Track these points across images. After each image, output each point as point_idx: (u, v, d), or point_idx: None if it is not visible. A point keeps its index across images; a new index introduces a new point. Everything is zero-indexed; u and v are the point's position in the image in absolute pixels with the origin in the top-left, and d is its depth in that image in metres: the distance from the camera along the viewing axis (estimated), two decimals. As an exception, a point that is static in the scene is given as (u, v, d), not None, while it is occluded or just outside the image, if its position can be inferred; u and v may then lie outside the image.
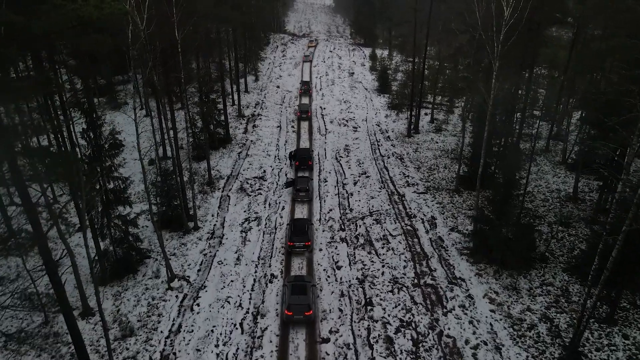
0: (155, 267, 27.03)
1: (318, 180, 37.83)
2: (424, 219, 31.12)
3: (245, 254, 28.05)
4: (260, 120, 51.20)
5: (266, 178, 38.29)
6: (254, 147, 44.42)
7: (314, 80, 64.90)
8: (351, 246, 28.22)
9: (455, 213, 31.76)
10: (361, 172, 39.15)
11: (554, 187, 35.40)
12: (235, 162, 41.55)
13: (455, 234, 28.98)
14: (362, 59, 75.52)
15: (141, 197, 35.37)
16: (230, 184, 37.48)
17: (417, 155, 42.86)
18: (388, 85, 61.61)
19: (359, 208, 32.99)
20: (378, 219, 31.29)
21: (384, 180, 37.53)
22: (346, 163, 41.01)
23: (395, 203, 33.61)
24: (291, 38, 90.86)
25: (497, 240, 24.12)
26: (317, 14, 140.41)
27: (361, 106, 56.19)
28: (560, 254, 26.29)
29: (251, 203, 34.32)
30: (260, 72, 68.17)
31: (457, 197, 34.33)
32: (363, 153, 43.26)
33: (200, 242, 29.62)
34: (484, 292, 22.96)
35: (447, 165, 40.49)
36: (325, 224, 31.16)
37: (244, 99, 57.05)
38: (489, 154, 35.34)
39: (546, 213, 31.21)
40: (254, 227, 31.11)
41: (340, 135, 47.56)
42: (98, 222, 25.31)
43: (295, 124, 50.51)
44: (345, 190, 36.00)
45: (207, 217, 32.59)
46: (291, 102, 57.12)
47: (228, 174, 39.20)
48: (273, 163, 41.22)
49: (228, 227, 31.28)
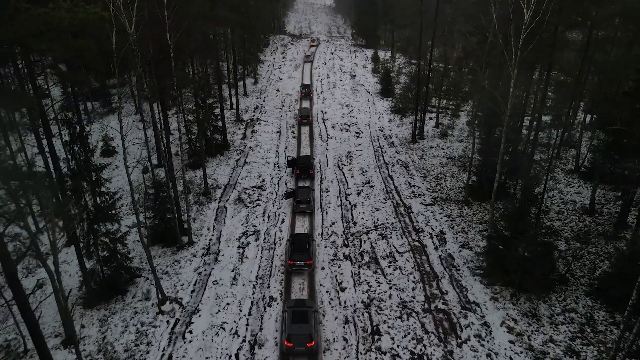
0: (146, 288, 25.23)
1: (319, 190, 36.02)
2: (433, 233, 29.31)
3: (242, 272, 26.24)
4: (260, 125, 49.39)
5: (265, 188, 36.48)
6: (253, 154, 42.61)
7: (315, 83, 63.10)
8: (355, 264, 26.40)
9: (465, 227, 29.94)
10: (365, 181, 37.34)
11: (569, 199, 33.58)
12: (233, 170, 39.75)
13: (466, 251, 27.16)
14: (364, 61, 73.70)
15: (132, 209, 33.57)
16: (227, 194, 35.68)
17: (422, 162, 41.04)
18: (391, 88, 59.80)
19: (363, 221, 31.18)
20: (384, 234, 29.47)
21: (388, 190, 35.72)
22: (349, 171, 39.20)
23: (402, 215, 31.80)
24: (291, 39, 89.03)
25: (513, 260, 22.30)
26: (317, 14, 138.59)
27: (364, 110, 54.38)
28: (581, 274, 24.47)
29: (249, 215, 32.52)
30: (259, 74, 66.37)
31: (467, 209, 32.51)
32: (366, 160, 41.44)
33: (194, 258, 27.81)
34: (501, 320, 21.14)
35: (455, 174, 38.66)
36: (328, 239, 29.35)
37: (243, 103, 55.26)
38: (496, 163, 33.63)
39: (562, 227, 29.39)
40: (252, 242, 29.30)
41: (343, 141, 45.75)
42: (84, 240, 23.55)
43: (295, 129, 48.70)
44: (348, 201, 34.19)
45: (202, 231, 30.78)
46: (291, 105, 55.31)
47: (225, 183, 37.40)
48: (272, 171, 39.41)
49: (224, 242, 29.47)
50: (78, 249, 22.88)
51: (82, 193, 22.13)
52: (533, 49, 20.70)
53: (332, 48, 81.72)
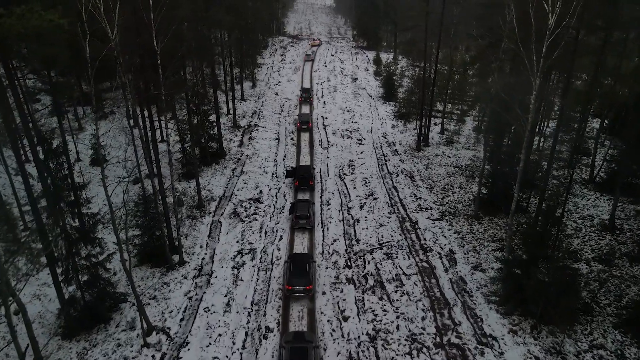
0: (131, 315, 23.17)
1: (320, 202, 33.96)
2: (442, 253, 27.24)
3: (236, 297, 24.18)
4: (257, 131, 47.32)
5: (262, 200, 34.43)
6: (250, 163, 40.56)
7: (315, 87, 61.04)
8: (359, 289, 24.34)
9: (476, 246, 27.88)
10: (368, 192, 35.28)
11: (585, 213, 31.52)
12: (228, 180, 37.70)
13: (479, 273, 25.09)
14: (366, 63, 71.63)
15: (120, 223, 31.51)
16: (222, 207, 33.63)
17: (428, 172, 38.97)
18: (394, 92, 57.74)
19: (367, 238, 29.13)
20: (389, 253, 27.42)
21: (393, 203, 33.66)
22: (351, 182, 37.14)
23: (408, 232, 29.75)
24: (291, 41, 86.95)
25: (534, 289, 20.25)
26: (317, 14, 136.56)
27: (366, 115, 52.33)
28: (606, 302, 22.41)
29: (245, 231, 30.47)
30: (257, 78, 64.28)
31: (477, 224, 30.45)
32: (369, 170, 39.39)
33: (185, 281, 25.76)
34: (523, 358, 19.07)
35: (463, 185, 36.60)
36: (329, 258, 27.29)
37: (240, 108, 53.21)
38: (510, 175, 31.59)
39: (581, 246, 27.34)
40: (247, 261, 27.25)
41: (344, 149, 43.69)
42: (62, 264, 21.50)
43: (294, 136, 46.66)
44: (350, 215, 32.14)
45: (194, 249, 28.74)
46: (290, 110, 53.26)
47: (220, 195, 35.35)
48: (270, 182, 37.35)
49: (218, 261, 27.42)
50: (55, 275, 20.81)
51: (59, 215, 20.07)
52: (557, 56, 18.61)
53: (333, 50, 79.65)
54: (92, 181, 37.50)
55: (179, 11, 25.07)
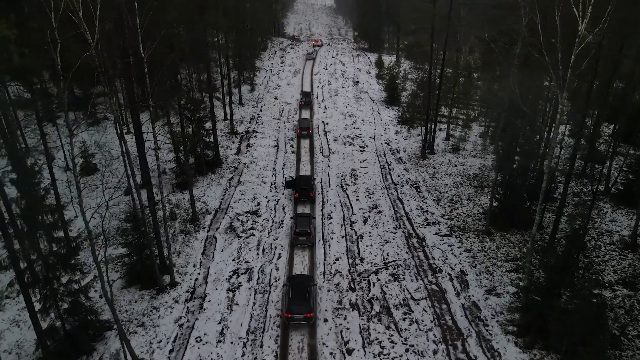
0: (116, 346, 21.27)
1: (321, 216, 32.09)
2: (452, 274, 25.37)
3: (231, 325, 22.32)
4: (256, 138, 45.44)
5: (260, 213, 32.56)
6: (248, 172, 38.68)
7: (315, 90, 59.16)
8: (364, 315, 22.47)
9: (489, 266, 26.00)
10: (372, 205, 33.41)
11: (604, 228, 29.66)
12: (225, 191, 35.82)
13: (493, 298, 23.21)
14: (368, 66, 69.74)
15: (112, 238, 29.70)
16: (218, 221, 31.77)
17: (435, 182, 37.09)
18: (397, 96, 55.90)
19: (371, 257, 27.26)
20: (395, 274, 25.55)
21: (398, 217, 31.79)
22: (353, 193, 35.27)
23: (415, 249, 27.89)
24: (291, 42, 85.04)
25: (556, 320, 18.36)
26: (317, 15, 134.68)
27: (368, 121, 50.45)
28: (635, 333, 20.55)
29: (242, 248, 28.61)
30: (256, 81, 62.38)
31: (489, 241, 28.59)
32: (372, 180, 37.52)
33: (176, 305, 23.89)
34: (547, 402, 17.24)
35: (471, 197, 34.72)
36: (331, 279, 25.43)
37: (238, 113, 51.34)
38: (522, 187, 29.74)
39: (602, 267, 25.48)
40: (243, 283, 25.39)
41: (346, 157, 41.82)
42: (40, 293, 19.63)
43: (294, 143, 44.78)
44: (353, 230, 30.27)
45: (187, 268, 26.87)
46: (290, 115, 51.38)
47: (216, 208, 33.48)
48: (269, 193, 35.48)
49: (212, 282, 25.55)
50: (30, 305, 18.93)
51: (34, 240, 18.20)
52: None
53: (334, 52, 77.75)
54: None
55: (168, 14, 23.17)
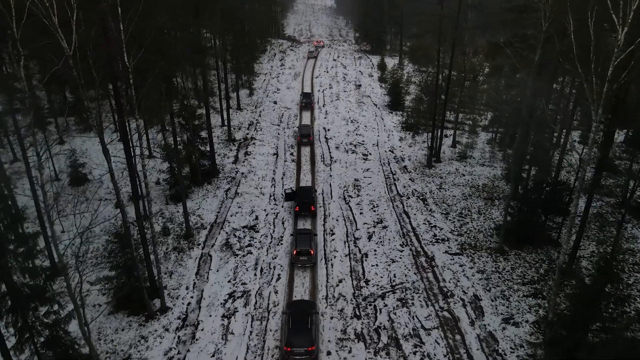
0: (99, 383, 19.45)
1: (323, 232, 30.23)
2: (465, 299, 23.50)
3: (225, 358, 20.44)
4: (254, 145, 43.56)
5: (258, 228, 30.70)
6: (245, 183, 36.82)
7: (316, 94, 57.24)
8: (371, 348, 20.59)
9: (505, 290, 24.13)
10: (376, 219, 31.55)
11: (625, 246, 27.78)
12: (221, 203, 33.96)
13: (512, 328, 21.34)
14: (370, 69, 67.85)
15: (99, 256, 27.89)
16: (213, 237, 29.93)
17: (442, 194, 35.22)
18: (401, 100, 53.99)
19: (377, 278, 25.40)
20: (403, 298, 23.68)
21: (405, 232, 29.94)
22: (357, 206, 33.40)
23: (424, 270, 26.03)
24: (291, 44, 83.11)
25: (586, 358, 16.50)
26: (318, 15, 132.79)
27: (371, 127, 48.57)
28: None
29: (238, 267, 26.76)
30: (255, 85, 60.49)
31: (502, 260, 26.72)
32: (377, 191, 35.65)
33: (166, 334, 22.04)
34: None
35: (482, 210, 32.86)
36: (334, 304, 23.56)
37: (236, 118, 49.47)
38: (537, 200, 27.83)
39: (627, 290, 23.57)
40: (239, 308, 23.53)
41: (349, 166, 39.95)
42: (15, 329, 17.76)
43: (294, 150, 42.89)
44: (357, 247, 28.42)
45: (179, 291, 25.01)
46: (290, 121, 49.49)
47: (212, 222, 31.63)
48: (267, 205, 33.62)
49: (206, 307, 23.70)
50: (2, 343, 17.05)
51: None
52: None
53: (335, 54, 75.82)
54: (69, 205, 33.80)
55: (158, 19, 21.29)
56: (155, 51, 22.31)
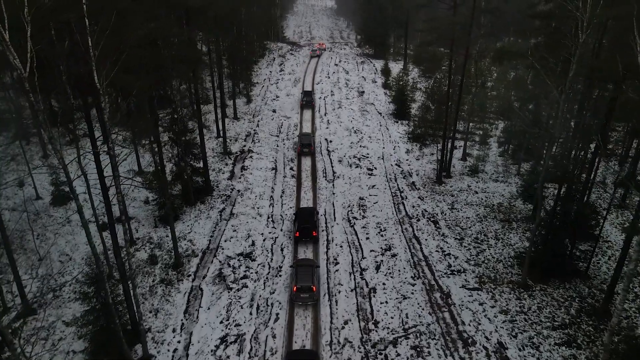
0: None
1: (326, 261, 27.47)
2: (489, 348, 20.72)
3: (215, 422, 17.70)
4: (251, 159, 40.77)
5: (255, 256, 27.96)
6: (242, 202, 34.05)
7: (318, 102, 54.42)
8: (383, 411, 17.84)
9: (533, 335, 21.34)
10: (384, 245, 28.80)
11: (662, 280, 25.02)
12: (215, 226, 31.21)
13: (545, 387, 18.60)
14: (373, 74, 65.01)
15: (76, 292, 25.11)
16: (205, 266, 27.19)
17: (454, 215, 32.46)
18: (407, 109, 51.21)
19: (387, 319, 22.64)
20: (418, 346, 20.90)
21: (416, 261, 27.18)
22: (363, 229, 30.65)
23: (439, 309, 23.26)
24: (290, 48, 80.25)
25: None
26: (318, 16, 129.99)
27: (375, 137, 45.79)
28: None
29: (232, 304, 24.00)
30: (253, 91, 57.69)
31: (527, 297, 23.94)
32: (383, 211, 32.89)
33: (148, 390, 19.26)
34: None
35: (499, 235, 30.10)
36: (340, 352, 20.79)
37: (232, 129, 46.70)
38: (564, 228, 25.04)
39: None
40: (232, 356, 20.78)
41: (353, 182, 37.17)
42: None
43: (294, 164, 40.11)
44: (364, 280, 25.66)
45: (165, 334, 22.26)
46: (290, 132, 46.70)
47: (204, 248, 28.89)
48: (265, 228, 30.87)
49: (194, 356, 20.93)
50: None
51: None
52: None
53: (337, 58, 72.96)
54: (49, 229, 31.09)
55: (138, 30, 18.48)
56: (137, 66, 19.50)
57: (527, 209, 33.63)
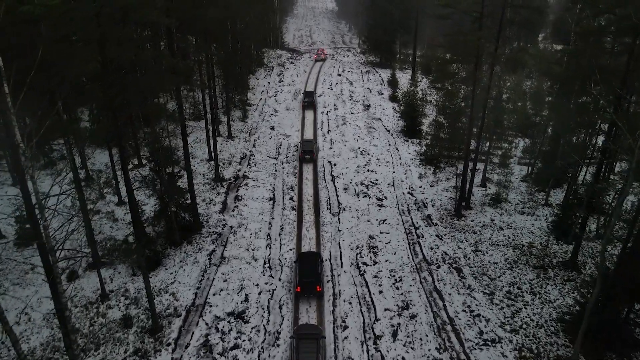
0: None
1: (333, 323, 23.07)
2: None
3: None
4: (247, 187, 36.35)
5: (248, 317, 23.56)
6: (235, 242, 29.69)
7: (320, 117, 50.02)
8: None
9: None
10: (401, 302, 24.41)
11: None
12: (202, 273, 26.84)
13: None
14: (379, 85, 60.49)
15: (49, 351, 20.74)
16: (189, 330, 22.80)
17: (480, 259, 28.08)
18: (417, 126, 46.77)
19: (411, 414, 18.22)
20: None
21: (440, 325, 22.78)
22: (374, 279, 26.28)
23: (474, 398, 18.85)
24: (290, 55, 75.69)
25: None
26: (319, 19, 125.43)
27: (384, 160, 41.36)
28: None
29: (218, 388, 19.59)
30: (250, 101, 53.24)
31: (581, 381, 19.53)
32: (397, 254, 28.54)
33: None
34: None
35: (534, 287, 25.71)
36: None
37: (226, 149, 42.30)
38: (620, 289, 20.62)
39: None
40: None
41: (361, 216, 32.78)
42: None
43: (294, 193, 35.70)
44: (379, 352, 21.28)
45: None
46: (290, 153, 42.29)
47: (189, 304, 24.51)
48: (261, 277, 26.49)
49: None
50: None
51: None
52: None
53: (340, 67, 68.41)
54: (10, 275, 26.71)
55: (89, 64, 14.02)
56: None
57: (562, 250, 29.28)
